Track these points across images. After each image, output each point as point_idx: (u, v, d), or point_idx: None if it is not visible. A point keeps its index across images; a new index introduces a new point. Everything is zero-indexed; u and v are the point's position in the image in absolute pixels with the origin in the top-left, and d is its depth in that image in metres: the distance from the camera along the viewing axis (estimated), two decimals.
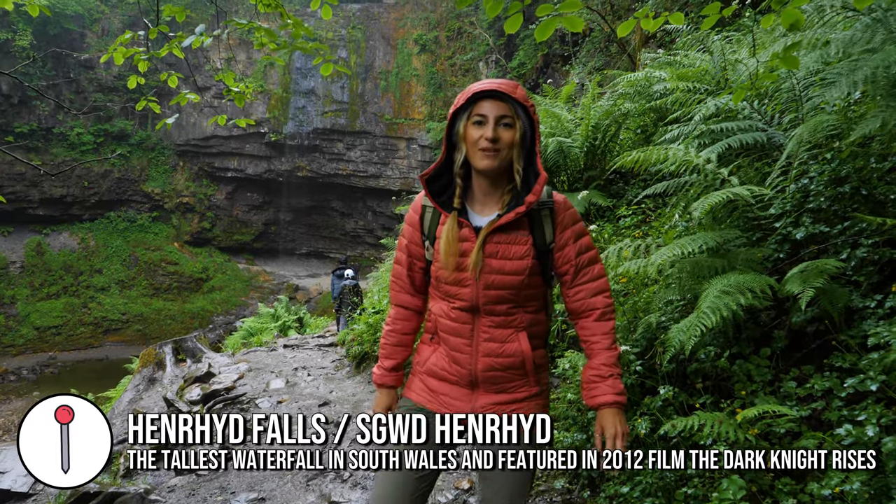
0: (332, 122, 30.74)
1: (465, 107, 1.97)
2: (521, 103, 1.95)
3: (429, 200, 2.08)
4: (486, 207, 2.03)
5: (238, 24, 4.09)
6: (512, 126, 1.93)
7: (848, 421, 2.08)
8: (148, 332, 29.86)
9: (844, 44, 2.48)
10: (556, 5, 2.36)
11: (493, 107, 1.93)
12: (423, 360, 2.17)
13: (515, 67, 24.07)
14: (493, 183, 2.00)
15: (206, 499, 4.11)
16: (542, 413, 2.05)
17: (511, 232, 1.97)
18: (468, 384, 2.05)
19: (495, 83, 1.94)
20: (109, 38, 30.85)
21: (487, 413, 2.02)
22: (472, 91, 1.96)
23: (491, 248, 1.96)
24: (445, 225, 2.02)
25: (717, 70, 4.69)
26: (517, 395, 2.04)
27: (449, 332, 2.05)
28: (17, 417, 21.94)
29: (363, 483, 3.99)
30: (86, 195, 30.87)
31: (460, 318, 2.02)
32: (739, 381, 2.60)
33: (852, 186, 2.83)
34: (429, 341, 2.17)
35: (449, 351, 2.06)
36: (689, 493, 2.46)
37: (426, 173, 2.05)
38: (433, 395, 2.11)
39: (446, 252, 1.99)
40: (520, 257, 1.96)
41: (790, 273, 2.51)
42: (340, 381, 7.11)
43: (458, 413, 2.06)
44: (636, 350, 3.09)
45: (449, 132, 2.03)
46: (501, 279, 1.96)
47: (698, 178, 3.29)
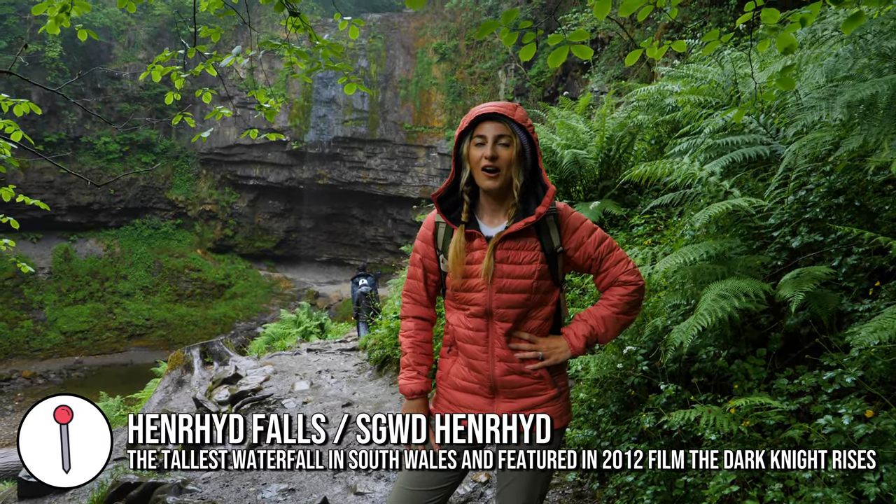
0: (352, 131, 31.16)
1: (469, 129, 2.18)
2: (519, 123, 2.15)
3: (441, 218, 2.29)
4: (494, 219, 2.22)
5: (271, 46, 4.37)
6: (509, 145, 2.12)
7: (829, 413, 2.28)
8: (171, 338, 30.40)
9: (828, 70, 2.69)
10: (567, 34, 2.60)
11: (491, 127, 2.12)
12: (444, 374, 2.31)
13: (535, 76, 24.29)
14: (499, 199, 2.20)
15: (240, 489, 4.37)
16: (563, 416, 2.22)
17: (520, 240, 2.16)
18: (489, 391, 2.20)
19: (494, 106, 2.14)
20: (135, 48, 31.60)
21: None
22: (474, 114, 2.16)
23: (501, 254, 2.15)
24: (454, 238, 2.21)
25: (728, 83, 4.89)
26: (536, 400, 2.19)
27: (466, 340, 2.22)
28: None
29: (386, 476, 4.22)
30: (112, 203, 31.58)
31: (475, 325, 2.19)
32: (737, 380, 2.80)
33: (847, 198, 3.03)
34: (447, 354, 2.32)
35: (467, 359, 2.22)
36: (688, 481, 2.66)
37: (437, 193, 2.27)
38: (457, 409, 2.25)
39: (454, 261, 2.18)
40: (529, 262, 2.15)
41: (784, 279, 2.72)
42: (363, 383, 7.36)
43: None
44: (643, 351, 3.30)
45: (456, 153, 2.24)
46: (512, 283, 2.14)
47: (703, 190, 3.50)
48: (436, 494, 2.23)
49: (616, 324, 2.20)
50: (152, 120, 31.05)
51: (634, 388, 3.27)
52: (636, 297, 2.20)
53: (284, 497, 4.13)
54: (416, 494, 2.21)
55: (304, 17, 4.59)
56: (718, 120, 4.02)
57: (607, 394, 3.55)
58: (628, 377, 3.35)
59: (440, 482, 2.22)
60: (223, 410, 7.37)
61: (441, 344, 2.40)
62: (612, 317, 2.19)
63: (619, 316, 2.20)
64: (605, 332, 2.20)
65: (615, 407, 3.42)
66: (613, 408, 3.42)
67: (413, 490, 2.22)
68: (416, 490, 2.22)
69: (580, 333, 2.19)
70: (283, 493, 4.18)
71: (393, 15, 31.82)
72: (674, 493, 2.70)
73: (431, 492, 2.22)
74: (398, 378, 2.40)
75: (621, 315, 2.20)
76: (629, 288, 2.18)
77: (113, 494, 4.65)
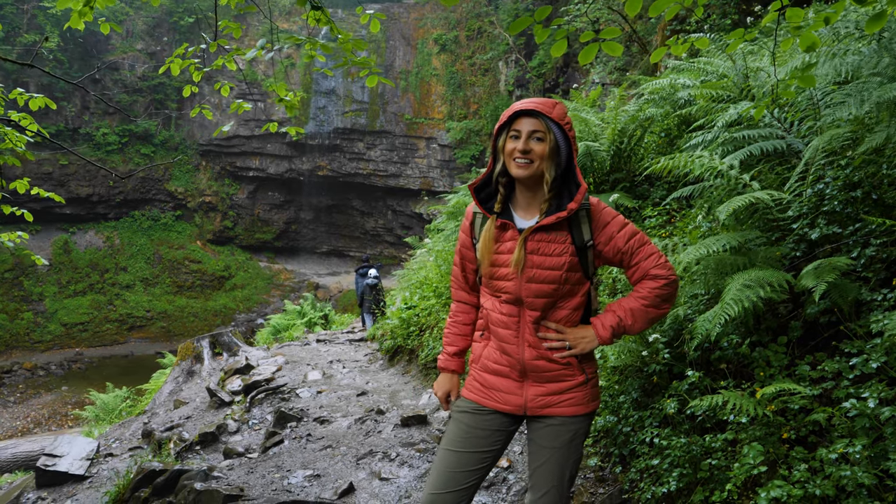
0: (352, 122, 31.18)
1: (507, 124, 2.27)
2: (555, 121, 2.23)
3: (478, 208, 2.39)
4: (528, 212, 2.32)
5: (296, 41, 4.43)
6: (543, 140, 2.21)
7: (853, 397, 2.38)
8: (171, 329, 30.54)
9: (854, 67, 2.78)
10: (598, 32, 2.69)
11: (527, 123, 2.22)
12: (477, 357, 2.44)
13: (535, 67, 24.33)
14: (533, 192, 2.29)
15: (265, 475, 4.47)
16: (590, 402, 2.33)
17: (551, 233, 2.25)
18: (518, 374, 2.31)
19: (533, 103, 2.24)
20: (134, 39, 31.52)
21: (538, 405, 2.29)
22: (513, 110, 2.26)
23: (532, 245, 2.24)
24: (485, 227, 2.33)
25: (740, 77, 4.97)
26: (564, 385, 2.29)
27: (498, 324, 2.33)
28: (48, 411, 22.61)
29: (410, 462, 4.33)
30: (111, 194, 31.58)
31: (508, 310, 2.30)
32: (759, 367, 2.91)
33: (864, 191, 3.13)
34: (479, 338, 2.45)
35: (499, 343, 2.34)
36: (713, 463, 2.77)
37: (474, 183, 2.37)
38: (487, 391, 2.36)
39: (482, 250, 2.31)
40: (559, 254, 2.24)
41: (805, 269, 2.81)
42: (375, 373, 7.47)
43: (510, 405, 2.31)
44: (664, 339, 3.40)
45: (494, 146, 2.34)
46: (541, 273, 2.24)
47: (722, 183, 3.59)
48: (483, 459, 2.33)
49: (645, 316, 2.28)
50: (153, 111, 31.01)
51: (657, 374, 3.37)
52: (667, 290, 2.26)
53: (310, 483, 4.23)
54: (461, 455, 2.32)
55: (326, 11, 4.66)
56: (733, 113, 4.11)
57: (628, 381, 3.66)
58: (649, 365, 3.46)
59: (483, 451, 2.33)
60: (237, 400, 7.48)
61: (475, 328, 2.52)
62: (641, 309, 2.27)
63: (648, 309, 2.27)
64: (632, 323, 2.28)
65: (636, 394, 3.53)
66: (635, 394, 3.52)
67: (457, 451, 2.33)
68: (459, 451, 2.32)
69: (608, 324, 2.29)
70: (309, 479, 4.28)
71: (393, 5, 31.77)
72: (698, 476, 2.81)
73: (479, 454, 2.32)
74: (438, 355, 2.57)
75: (651, 308, 2.27)
76: (660, 282, 2.25)
77: (139, 481, 4.75)
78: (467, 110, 29.35)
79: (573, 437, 2.29)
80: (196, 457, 5.88)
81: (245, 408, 6.84)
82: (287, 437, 5.30)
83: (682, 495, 2.89)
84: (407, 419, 5.03)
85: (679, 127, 6.02)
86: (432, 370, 6.43)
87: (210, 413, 7.39)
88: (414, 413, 5.10)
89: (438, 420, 5.03)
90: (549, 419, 2.30)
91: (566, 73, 23.03)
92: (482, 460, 2.33)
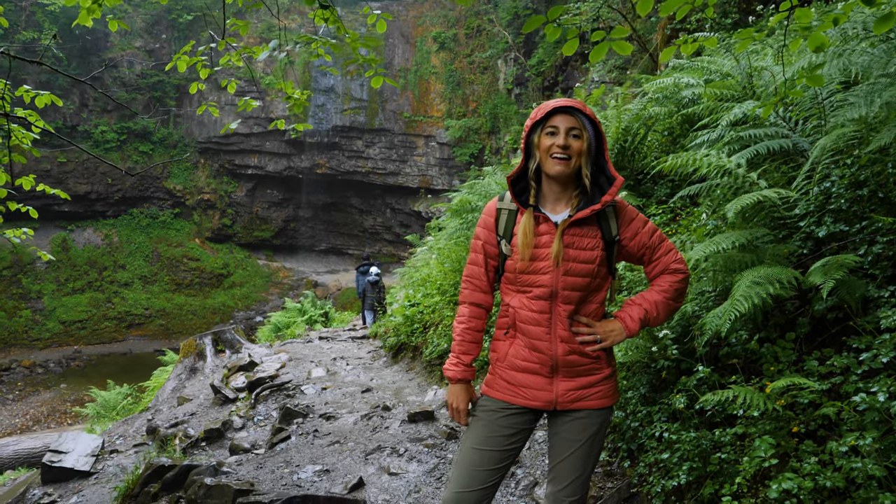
0: (351, 120, 31.19)
1: (541, 120, 2.32)
2: (589, 118, 2.30)
3: (502, 205, 2.42)
4: (557, 207, 2.36)
5: (308, 39, 4.46)
6: (580, 136, 2.27)
7: (862, 391, 2.43)
8: (170, 327, 30.55)
9: (864, 68, 2.82)
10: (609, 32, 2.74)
11: (564, 120, 2.27)
12: (502, 356, 2.42)
13: (534, 65, 24.37)
14: (563, 187, 2.34)
15: (274, 470, 4.51)
16: (614, 395, 2.40)
17: (584, 226, 2.30)
18: (549, 371, 2.33)
19: (568, 101, 2.29)
20: (132, 36, 31.48)
21: (569, 399, 2.33)
22: (548, 107, 2.30)
23: (567, 239, 2.29)
24: (522, 220, 2.36)
25: (744, 76, 5.01)
26: (593, 379, 2.34)
27: (528, 322, 2.33)
28: (47, 409, 22.62)
29: (418, 457, 4.37)
30: (109, 192, 31.56)
31: (539, 307, 2.31)
32: (767, 362, 2.95)
33: (870, 190, 3.17)
34: (503, 337, 2.43)
35: (529, 340, 2.34)
36: (722, 457, 2.81)
37: (511, 175, 2.41)
38: (515, 388, 2.37)
39: (523, 243, 2.31)
40: (591, 248, 2.29)
41: (813, 267, 2.86)
42: (379, 370, 7.51)
43: (540, 401, 2.35)
44: (673, 336, 3.45)
45: (526, 142, 2.38)
46: (577, 266, 2.28)
47: (728, 181, 3.63)
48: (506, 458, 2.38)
49: (667, 309, 2.36)
50: (152, 109, 30.99)
51: (665, 370, 3.42)
52: (684, 285, 2.36)
53: (320, 478, 4.27)
54: (485, 454, 2.36)
55: (334, 10, 4.70)
56: (738, 112, 4.15)
57: (636, 377, 3.70)
58: (657, 361, 3.50)
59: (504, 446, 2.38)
60: (241, 397, 7.51)
61: (494, 328, 2.53)
62: (663, 302, 2.35)
63: (669, 302, 2.35)
64: (656, 315, 2.36)
65: (644, 389, 3.57)
66: (643, 390, 3.57)
67: (481, 449, 2.37)
68: (484, 449, 2.37)
69: (635, 317, 2.34)
70: (318, 474, 4.32)
71: (392, 3, 31.76)
72: (708, 469, 2.85)
73: (500, 452, 2.37)
74: (446, 362, 2.55)
75: (671, 301, 2.35)
76: (678, 276, 2.34)
77: (148, 476, 4.78)
78: (466, 108, 29.37)
79: (599, 430, 2.36)
80: (202, 453, 5.91)
81: (250, 404, 6.88)
82: (294, 433, 5.33)
83: (692, 488, 2.93)
84: (414, 415, 5.07)
85: (682, 126, 6.07)
86: (437, 367, 6.47)
87: (214, 410, 7.42)
88: (421, 409, 5.14)
89: (445, 416, 5.07)
90: (577, 412, 2.35)
91: (565, 72, 23.06)
92: (505, 458, 2.37)
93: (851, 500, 2.27)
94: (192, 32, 31.91)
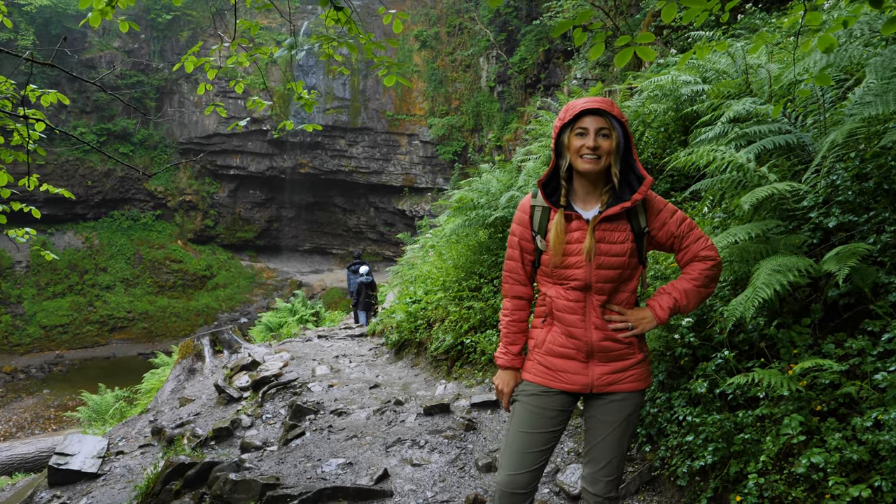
0: (333, 119, 31.15)
1: (570, 122, 2.43)
2: (617, 118, 2.42)
3: (536, 202, 2.55)
4: (587, 204, 2.49)
5: (326, 39, 4.55)
6: (609, 136, 2.38)
7: (882, 370, 2.59)
8: (153, 330, 30.32)
9: (878, 68, 2.99)
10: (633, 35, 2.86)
11: (593, 121, 2.38)
12: (540, 342, 2.56)
13: (516, 63, 24.52)
14: (593, 184, 2.46)
15: (296, 465, 4.59)
16: (647, 378, 2.55)
17: (614, 222, 2.43)
18: (584, 356, 2.47)
19: (596, 102, 2.40)
20: (110, 37, 31.14)
21: (604, 382, 2.47)
22: (577, 109, 2.40)
23: (599, 234, 2.42)
24: (554, 219, 2.48)
25: (738, 73, 5.18)
26: (626, 363, 2.48)
27: (565, 310, 2.47)
28: (30, 415, 22.37)
29: (439, 448, 4.49)
30: (89, 194, 31.20)
31: (575, 297, 2.45)
32: (784, 347, 3.11)
33: (875, 182, 3.35)
34: (541, 324, 2.58)
35: (565, 328, 2.48)
36: (745, 438, 2.96)
37: (541, 179, 2.53)
38: (553, 373, 2.51)
39: (555, 241, 2.44)
40: (622, 242, 2.42)
41: (827, 255, 3.02)
42: (383, 366, 7.60)
43: (576, 385, 2.48)
44: (689, 324, 3.60)
45: (556, 143, 2.50)
46: (609, 260, 2.41)
47: (736, 176, 3.79)
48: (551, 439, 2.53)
49: (697, 296, 2.48)
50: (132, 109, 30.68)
51: (683, 357, 3.57)
52: (715, 271, 2.48)
53: (344, 470, 4.37)
54: (532, 436, 2.50)
55: (347, 10, 4.79)
56: (741, 109, 4.32)
57: (653, 365, 3.85)
58: (675, 348, 3.65)
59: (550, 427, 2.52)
60: (245, 396, 7.56)
61: (533, 317, 2.66)
62: (693, 290, 2.47)
63: (699, 289, 2.48)
64: (686, 303, 2.48)
65: (662, 376, 3.72)
66: (661, 377, 3.72)
67: (528, 432, 2.51)
68: (530, 432, 2.50)
69: (665, 305, 2.47)
70: (342, 467, 4.41)
71: (374, 2, 31.73)
72: (732, 449, 3.01)
73: (546, 434, 2.51)
74: (497, 351, 2.68)
75: (702, 288, 2.48)
76: (708, 263, 2.47)
77: (169, 474, 4.84)
78: (449, 106, 29.48)
79: (633, 411, 2.50)
80: (212, 451, 5.97)
81: (257, 403, 6.93)
82: (308, 430, 5.42)
83: (717, 468, 3.08)
84: (430, 408, 5.18)
85: (677, 122, 6.23)
86: (443, 362, 6.59)
87: (219, 409, 7.47)
88: (436, 403, 5.25)
89: (460, 409, 5.19)
90: (613, 395, 2.48)
91: (547, 69, 23.26)
92: (550, 440, 2.51)
93: (876, 472, 2.43)
94: (171, 32, 31.64)
